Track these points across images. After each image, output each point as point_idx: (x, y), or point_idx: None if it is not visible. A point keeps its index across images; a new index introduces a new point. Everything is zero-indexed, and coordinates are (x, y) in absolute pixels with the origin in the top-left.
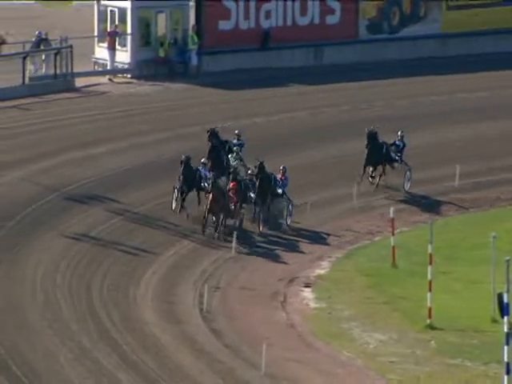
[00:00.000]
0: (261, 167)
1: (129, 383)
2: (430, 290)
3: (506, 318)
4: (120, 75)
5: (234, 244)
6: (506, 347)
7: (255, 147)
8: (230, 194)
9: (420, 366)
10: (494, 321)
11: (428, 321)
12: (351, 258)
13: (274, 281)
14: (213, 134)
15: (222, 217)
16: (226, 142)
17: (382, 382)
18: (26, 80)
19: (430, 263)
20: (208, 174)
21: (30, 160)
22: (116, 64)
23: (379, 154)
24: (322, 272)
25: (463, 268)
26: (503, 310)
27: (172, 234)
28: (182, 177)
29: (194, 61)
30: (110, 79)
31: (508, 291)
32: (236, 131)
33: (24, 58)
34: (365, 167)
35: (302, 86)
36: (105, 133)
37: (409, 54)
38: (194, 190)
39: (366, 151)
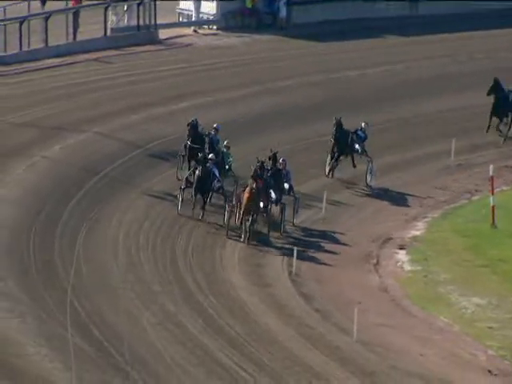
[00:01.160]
0: (275, 159)
1: (215, 348)
2: None
3: None
4: (205, 27)
5: (324, 204)
6: None
7: (346, 103)
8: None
9: None
10: None
11: None
12: (448, 218)
13: (367, 242)
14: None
15: (256, 218)
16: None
17: (480, 349)
18: (108, 32)
19: None
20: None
21: (112, 115)
22: (201, 15)
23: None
24: (417, 233)
25: None
26: None
27: None
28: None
29: (283, 12)
30: (194, 31)
31: None
32: (214, 125)
33: (106, 9)
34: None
35: (397, 37)
36: (189, 87)
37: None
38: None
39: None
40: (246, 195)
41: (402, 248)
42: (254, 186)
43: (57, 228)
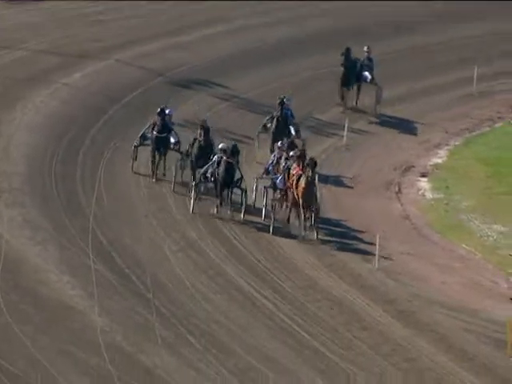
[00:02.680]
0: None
1: (236, 275)
2: None
3: None
4: None
5: (345, 131)
6: None
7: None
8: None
9: None
10: None
11: None
12: (470, 146)
13: (388, 170)
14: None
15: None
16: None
17: (501, 277)
18: None
19: None
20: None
21: (134, 43)
22: None
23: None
24: (438, 161)
25: None
26: None
27: None
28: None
29: None
30: None
31: None
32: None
33: None
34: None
35: None
36: (208, 15)
37: None
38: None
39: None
40: (302, 186)
41: (423, 176)
42: (310, 174)
43: (78, 156)
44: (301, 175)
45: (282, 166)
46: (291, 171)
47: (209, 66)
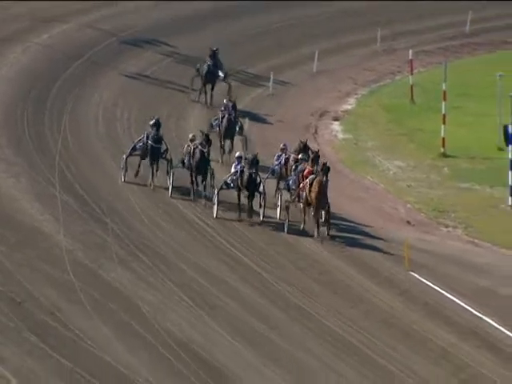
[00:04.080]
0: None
1: (184, 208)
2: (444, 123)
3: (510, 147)
4: None
5: (271, 83)
6: (510, 172)
7: None
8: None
9: (434, 189)
10: (500, 149)
11: (442, 150)
12: (374, 95)
13: (307, 115)
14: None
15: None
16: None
17: (400, 204)
18: None
19: (444, 99)
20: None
21: (92, 9)
22: None
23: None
24: (348, 107)
25: (473, 103)
26: (508, 139)
27: None
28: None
29: None
30: None
31: None
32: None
33: None
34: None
35: None
36: None
37: None
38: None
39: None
40: (315, 190)
41: (336, 120)
42: (324, 178)
43: (46, 103)
44: (314, 179)
45: (292, 168)
46: (304, 173)
47: (155, 28)
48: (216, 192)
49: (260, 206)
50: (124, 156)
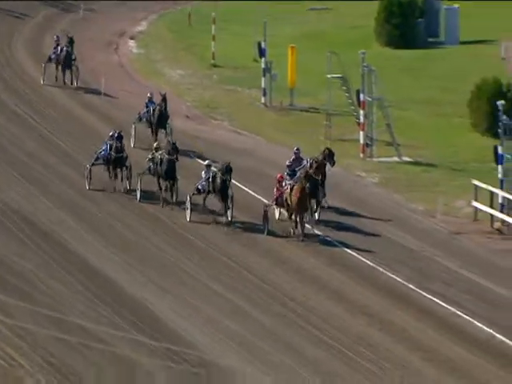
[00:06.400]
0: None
1: (10, 103)
2: (214, 40)
3: (263, 59)
4: None
5: (81, 10)
6: (263, 78)
7: None
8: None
9: (207, 90)
10: (255, 60)
11: (212, 61)
12: (162, 19)
13: (109, 35)
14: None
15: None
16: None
17: (182, 103)
18: None
19: (214, 23)
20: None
21: None
22: None
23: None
24: (142, 29)
25: (236, 26)
26: (261, 53)
27: None
28: None
29: None
30: None
31: None
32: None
33: None
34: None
35: None
36: None
37: None
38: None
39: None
40: (296, 195)
41: (131, 38)
42: (307, 185)
43: None
44: (294, 185)
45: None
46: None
47: None
48: (188, 198)
49: (228, 208)
50: (88, 165)
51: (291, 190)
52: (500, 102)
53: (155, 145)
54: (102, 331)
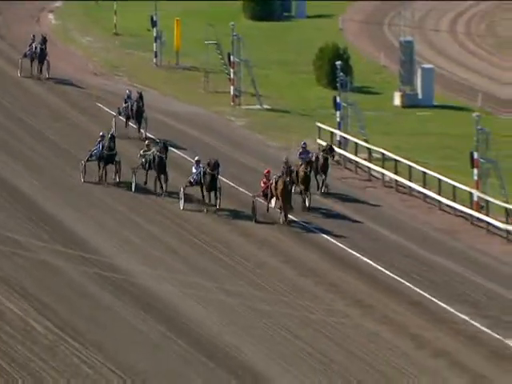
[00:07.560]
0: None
1: None
2: (115, 15)
3: (154, 29)
4: None
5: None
6: (154, 44)
7: None
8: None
9: (110, 53)
10: (148, 30)
11: (114, 30)
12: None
13: (33, 11)
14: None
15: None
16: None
17: (90, 62)
18: None
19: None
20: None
21: None
22: None
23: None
24: (58, 5)
25: (135, 4)
26: (152, 25)
27: None
28: None
29: None
30: None
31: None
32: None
33: None
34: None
35: None
36: None
37: None
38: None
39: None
40: (280, 187)
41: (50, 12)
42: (288, 179)
43: None
44: (279, 178)
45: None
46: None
47: None
48: (182, 189)
49: (216, 198)
50: (83, 161)
51: (276, 183)
52: (338, 63)
53: (146, 142)
54: (28, 242)
